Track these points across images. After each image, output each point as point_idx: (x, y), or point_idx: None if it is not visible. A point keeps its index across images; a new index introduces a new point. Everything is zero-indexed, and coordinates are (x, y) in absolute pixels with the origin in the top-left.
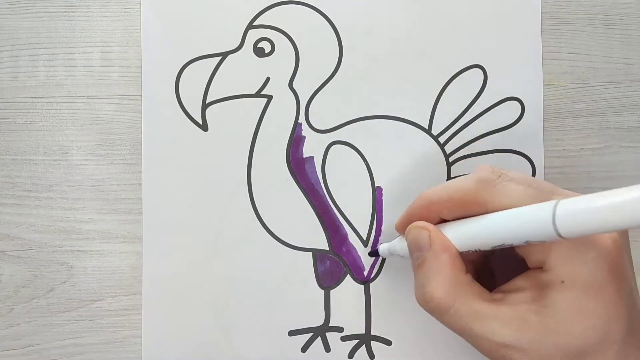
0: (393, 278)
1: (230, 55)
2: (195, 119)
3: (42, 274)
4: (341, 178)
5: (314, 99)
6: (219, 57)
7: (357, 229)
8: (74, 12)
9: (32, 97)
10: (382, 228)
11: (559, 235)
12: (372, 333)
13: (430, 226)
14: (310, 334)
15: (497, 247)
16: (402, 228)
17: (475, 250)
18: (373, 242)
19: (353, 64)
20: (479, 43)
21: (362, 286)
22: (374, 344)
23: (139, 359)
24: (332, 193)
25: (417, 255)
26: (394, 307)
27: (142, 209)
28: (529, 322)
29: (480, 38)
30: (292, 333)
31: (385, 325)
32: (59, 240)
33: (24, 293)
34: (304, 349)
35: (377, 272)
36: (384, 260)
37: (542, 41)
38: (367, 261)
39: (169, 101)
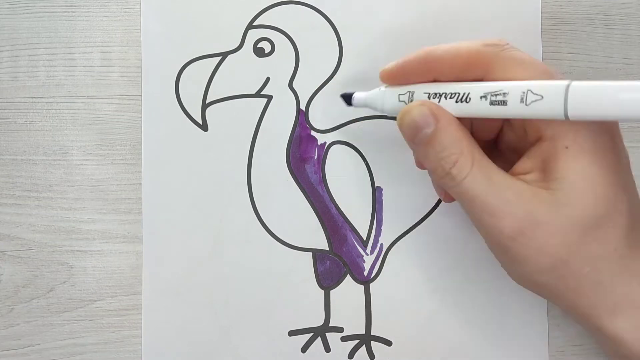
0: (393, 278)
1: (230, 55)
2: (195, 119)
3: (42, 274)
4: (341, 178)
5: (314, 99)
6: (219, 57)
7: (357, 229)
8: (74, 12)
9: (32, 97)
10: (382, 228)
11: (566, 117)
12: (372, 333)
13: (428, 102)
14: (310, 334)
15: (492, 101)
16: (390, 76)
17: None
18: (373, 242)
19: (353, 64)
20: None
21: (362, 286)
22: (374, 344)
23: (139, 359)
24: (332, 193)
25: (423, 134)
26: (394, 307)
27: (142, 209)
28: (540, 196)
29: (480, 38)
30: (292, 333)
31: (385, 325)
32: (59, 240)
33: (24, 293)
34: (304, 349)
35: (377, 272)
36: (384, 260)
37: (542, 41)
38: (367, 261)
39: (169, 101)
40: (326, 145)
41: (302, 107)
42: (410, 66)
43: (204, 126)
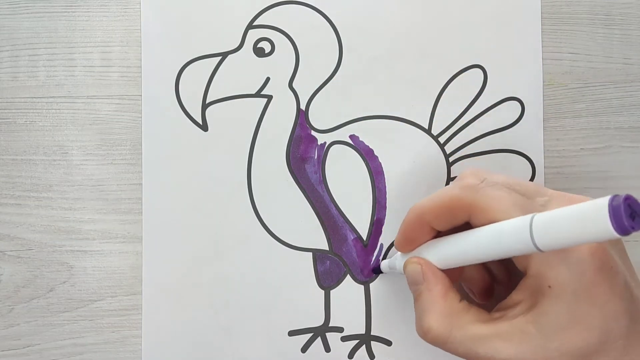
0: (393, 278)
1: (230, 55)
2: (195, 119)
3: (42, 274)
4: (341, 178)
5: (314, 99)
6: (219, 57)
7: (357, 229)
8: (74, 12)
9: (32, 97)
10: (382, 228)
11: (539, 250)
12: (372, 333)
13: (423, 260)
14: (310, 334)
15: (484, 261)
16: (400, 245)
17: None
18: (373, 242)
19: (353, 64)
20: (479, 43)
21: (362, 286)
22: (374, 344)
23: (139, 359)
24: (332, 193)
25: (414, 288)
26: (394, 307)
27: (142, 209)
28: (528, 334)
29: (480, 38)
30: (292, 333)
31: (385, 325)
32: (59, 240)
33: (24, 293)
34: (304, 349)
35: (377, 272)
36: (384, 260)
37: (542, 41)
38: (367, 261)
39: (169, 101)
40: (326, 145)
41: (302, 107)
42: (410, 231)
43: (204, 126)
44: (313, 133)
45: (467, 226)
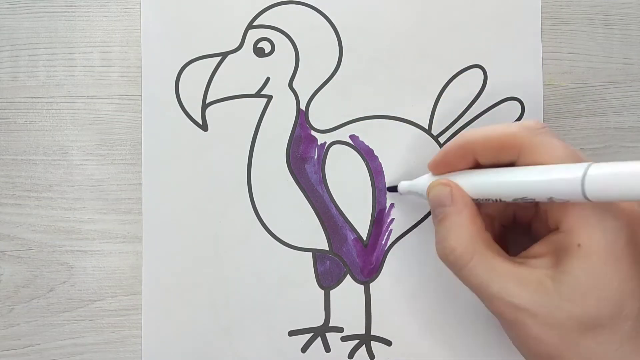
0: (393, 278)
1: (230, 55)
2: (195, 119)
3: (42, 274)
4: (341, 178)
5: (314, 99)
6: (219, 57)
7: (357, 229)
8: (74, 12)
9: (32, 97)
10: (382, 228)
11: (585, 197)
12: (372, 333)
13: (452, 183)
14: (310, 334)
15: (519, 200)
16: (436, 166)
17: (497, 200)
18: (373, 242)
19: (353, 64)
20: (479, 43)
21: (362, 286)
22: (374, 344)
23: (139, 359)
24: (332, 193)
25: (439, 210)
26: (394, 307)
27: (142, 209)
28: (545, 287)
29: (480, 38)
30: (292, 333)
31: (385, 325)
32: (59, 240)
33: (24, 293)
34: (304, 349)
35: (377, 272)
36: (384, 260)
37: (542, 41)
38: (367, 261)
39: (169, 101)
40: (326, 145)
41: (302, 107)
42: (452, 155)
43: (204, 126)
44: (313, 133)
45: (509, 165)
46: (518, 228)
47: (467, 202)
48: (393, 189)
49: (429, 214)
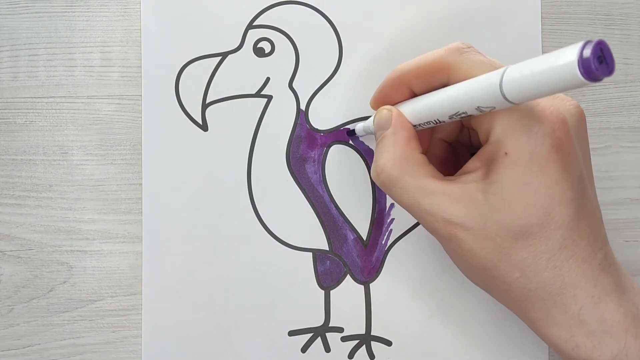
0: (393, 278)
1: (230, 55)
2: (195, 119)
3: (42, 274)
4: (341, 178)
5: (314, 99)
6: (219, 57)
7: (357, 229)
8: (74, 12)
9: (32, 97)
10: (382, 228)
11: (506, 99)
12: (372, 333)
13: (394, 109)
14: (310, 334)
15: (454, 118)
16: (376, 103)
17: (436, 122)
18: (373, 242)
19: (353, 64)
20: (479, 43)
21: (362, 286)
22: (374, 344)
23: (139, 359)
24: (332, 193)
25: (379, 133)
26: (394, 307)
27: (142, 209)
28: (475, 200)
29: (480, 38)
30: (292, 333)
31: (385, 325)
32: (59, 240)
33: (24, 293)
34: (304, 349)
35: (377, 272)
36: (384, 260)
37: (542, 41)
38: (367, 261)
39: (169, 101)
40: (326, 145)
41: (302, 107)
42: (388, 89)
43: (204, 126)
44: (313, 133)
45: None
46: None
47: (405, 126)
48: (352, 132)
49: None
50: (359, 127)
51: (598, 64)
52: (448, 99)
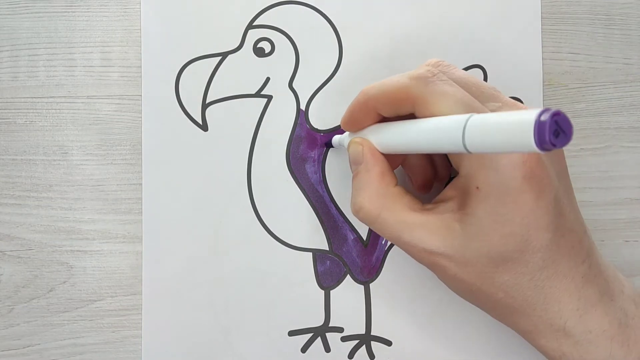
0: (393, 278)
1: (230, 55)
2: (195, 119)
3: (42, 274)
4: (341, 178)
5: (314, 99)
6: (219, 57)
7: (357, 229)
8: (74, 12)
9: (32, 97)
10: None
11: (467, 151)
12: (372, 333)
13: (366, 141)
14: (310, 334)
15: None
16: (345, 124)
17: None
18: (373, 242)
19: (353, 64)
20: (479, 43)
21: (362, 286)
22: (374, 344)
23: (139, 359)
24: (332, 193)
25: (354, 167)
26: (394, 307)
27: (142, 209)
28: (453, 230)
29: (480, 38)
30: (292, 333)
31: (385, 325)
32: (59, 240)
33: (24, 293)
34: (304, 349)
35: (377, 272)
36: (384, 260)
37: (542, 41)
38: (367, 261)
39: (169, 101)
40: (326, 145)
41: (302, 107)
42: (357, 112)
43: (204, 126)
44: (313, 133)
45: (414, 116)
46: None
47: (377, 160)
48: (329, 143)
49: None
50: (335, 139)
51: (554, 136)
52: (412, 139)
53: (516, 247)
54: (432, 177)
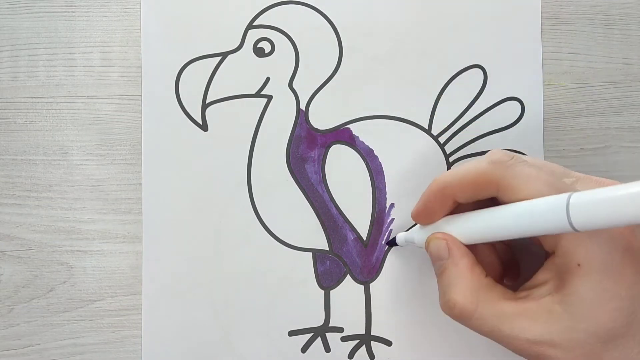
0: (393, 278)
1: (230, 55)
2: (195, 119)
3: (42, 274)
4: (341, 178)
5: (314, 99)
6: (219, 57)
7: (357, 229)
8: (74, 12)
9: (32, 97)
10: (382, 228)
11: (574, 229)
12: (372, 333)
13: (447, 235)
14: (310, 334)
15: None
16: (419, 216)
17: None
18: (373, 242)
19: (353, 64)
20: (479, 43)
21: (362, 286)
22: (374, 344)
23: (139, 359)
24: (332, 193)
25: (438, 264)
26: (394, 307)
27: (142, 209)
28: (555, 314)
29: (480, 38)
30: (292, 333)
31: (385, 325)
32: (59, 240)
33: (24, 293)
34: (304, 349)
35: (377, 272)
36: (384, 260)
37: (542, 41)
38: (367, 261)
39: (169, 101)
40: (326, 145)
41: (302, 107)
42: (431, 200)
43: (204, 126)
44: (313, 133)
45: (489, 201)
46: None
47: (464, 253)
48: (392, 242)
49: None
50: (400, 237)
51: None
52: (507, 225)
53: (624, 321)
54: (501, 268)
